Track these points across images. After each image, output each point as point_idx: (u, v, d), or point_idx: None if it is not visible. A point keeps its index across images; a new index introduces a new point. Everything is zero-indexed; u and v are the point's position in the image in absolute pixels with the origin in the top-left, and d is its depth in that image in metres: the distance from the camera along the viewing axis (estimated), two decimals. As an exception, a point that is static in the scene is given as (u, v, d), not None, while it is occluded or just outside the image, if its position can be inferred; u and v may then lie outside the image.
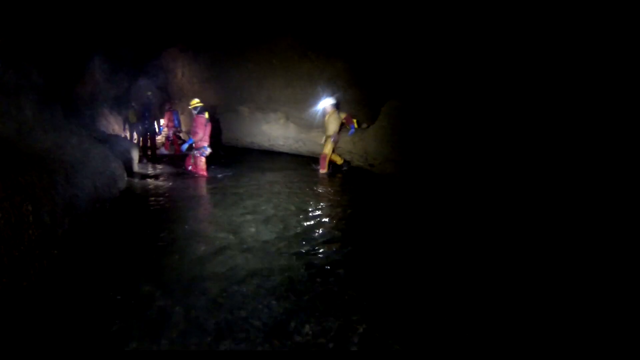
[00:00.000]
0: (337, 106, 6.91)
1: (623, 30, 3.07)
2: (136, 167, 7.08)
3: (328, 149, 6.73)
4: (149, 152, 8.83)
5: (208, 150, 6.44)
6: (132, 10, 7.41)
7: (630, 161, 2.92)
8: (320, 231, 3.61)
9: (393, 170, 6.10)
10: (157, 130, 9.21)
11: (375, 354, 1.87)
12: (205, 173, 6.47)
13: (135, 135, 9.14)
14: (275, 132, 9.41)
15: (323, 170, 6.71)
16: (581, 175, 3.25)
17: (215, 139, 9.57)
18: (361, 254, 3.11)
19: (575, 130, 3.36)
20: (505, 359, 1.88)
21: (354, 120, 6.80)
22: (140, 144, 8.80)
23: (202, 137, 6.27)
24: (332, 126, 6.69)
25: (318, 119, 7.92)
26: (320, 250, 3.13)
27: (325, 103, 6.95)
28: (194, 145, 6.35)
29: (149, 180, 6.15)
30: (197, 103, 6.44)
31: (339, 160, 6.87)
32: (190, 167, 6.58)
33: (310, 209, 4.37)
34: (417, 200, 4.83)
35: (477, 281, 2.60)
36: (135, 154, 7.17)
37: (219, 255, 2.99)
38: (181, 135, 10.32)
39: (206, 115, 6.31)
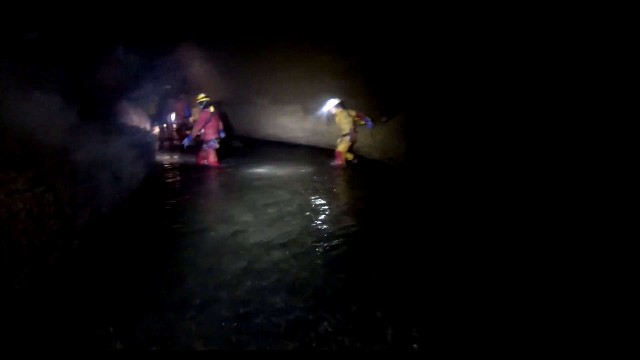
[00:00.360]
0: (343, 105, 6.70)
1: (623, 30, 2.85)
2: (155, 158, 7.16)
3: (342, 147, 6.60)
4: (167, 143, 8.95)
5: (216, 144, 6.45)
6: (152, 5, 7.44)
7: (631, 160, 2.72)
8: (341, 225, 3.50)
9: (412, 163, 5.92)
10: (173, 121, 9.31)
11: (380, 354, 1.78)
12: (217, 165, 6.49)
13: (154, 127, 9.28)
14: (292, 124, 9.31)
15: (339, 163, 6.62)
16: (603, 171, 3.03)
17: (231, 131, 9.57)
18: (383, 249, 2.99)
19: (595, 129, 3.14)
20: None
21: (363, 116, 6.63)
22: (159, 135, 8.93)
23: (204, 132, 6.28)
24: (345, 125, 6.51)
25: (323, 121, 7.89)
26: (342, 245, 3.04)
27: (330, 105, 6.73)
28: (202, 139, 6.39)
29: (168, 172, 6.20)
30: (203, 98, 6.46)
31: (349, 157, 6.73)
32: (202, 160, 6.64)
33: (331, 202, 4.28)
34: (437, 195, 4.65)
35: (498, 275, 2.46)
36: (154, 145, 7.25)
37: (238, 248, 2.96)
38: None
39: (211, 109, 6.30)
